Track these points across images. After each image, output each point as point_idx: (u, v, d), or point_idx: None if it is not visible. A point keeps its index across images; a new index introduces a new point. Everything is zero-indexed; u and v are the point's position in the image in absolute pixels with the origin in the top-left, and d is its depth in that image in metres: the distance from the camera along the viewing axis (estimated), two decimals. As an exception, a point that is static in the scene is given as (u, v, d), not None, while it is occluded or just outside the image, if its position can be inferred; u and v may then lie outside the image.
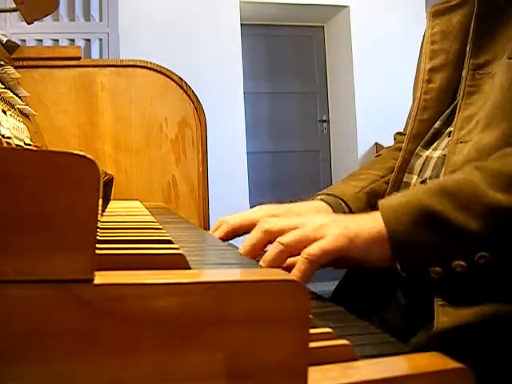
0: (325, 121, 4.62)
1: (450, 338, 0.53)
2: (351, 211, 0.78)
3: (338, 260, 0.55)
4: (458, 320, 0.53)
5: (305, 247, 0.54)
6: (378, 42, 4.16)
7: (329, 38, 4.61)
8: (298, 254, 0.55)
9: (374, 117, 4.07)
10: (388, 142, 1.02)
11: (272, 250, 0.56)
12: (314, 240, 0.54)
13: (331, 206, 0.77)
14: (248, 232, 0.65)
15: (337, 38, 4.47)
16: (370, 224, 0.55)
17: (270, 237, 0.58)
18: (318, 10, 4.34)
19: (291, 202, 0.77)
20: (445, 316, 0.54)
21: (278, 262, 0.55)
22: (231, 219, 0.70)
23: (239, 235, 0.71)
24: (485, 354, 0.54)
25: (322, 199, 0.78)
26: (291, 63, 4.56)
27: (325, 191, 0.82)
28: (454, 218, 0.52)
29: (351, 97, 4.24)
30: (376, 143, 4.08)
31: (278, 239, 0.56)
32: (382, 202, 0.56)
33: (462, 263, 0.51)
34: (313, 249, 0.53)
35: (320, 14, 4.42)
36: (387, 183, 0.82)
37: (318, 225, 0.55)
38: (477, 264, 0.51)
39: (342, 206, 0.78)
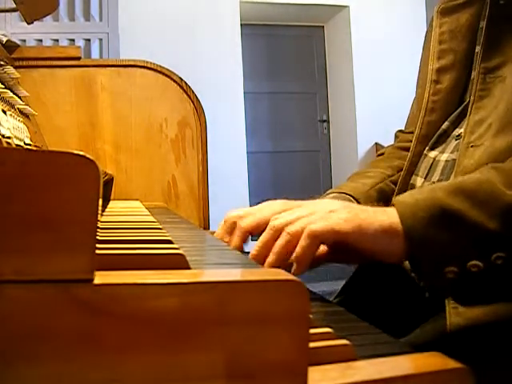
0: (325, 121, 4.62)
1: (462, 337, 0.53)
2: None
3: (344, 250, 0.54)
4: (471, 319, 0.52)
5: None
6: (377, 41, 4.16)
7: (329, 38, 4.61)
8: None
9: (374, 117, 4.07)
10: (388, 142, 1.02)
11: (280, 240, 0.55)
12: None
13: None
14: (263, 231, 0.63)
15: (337, 38, 4.48)
16: (382, 216, 0.54)
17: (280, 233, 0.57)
18: (318, 10, 4.34)
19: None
20: (457, 317, 0.54)
21: (287, 252, 0.54)
22: (244, 223, 0.65)
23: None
24: (495, 352, 0.54)
25: (332, 197, 0.77)
26: (291, 63, 4.56)
27: (334, 189, 0.81)
28: (470, 217, 0.51)
29: (351, 97, 4.25)
30: (376, 143, 4.08)
31: (286, 229, 0.55)
32: (397, 199, 0.56)
33: (479, 263, 0.51)
34: (316, 225, 0.52)
35: (320, 13, 4.42)
36: (394, 183, 0.81)
37: (327, 211, 0.54)
38: (493, 264, 0.51)
39: (353, 203, 0.76)
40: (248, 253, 0.61)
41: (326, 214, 0.54)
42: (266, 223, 0.59)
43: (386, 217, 0.54)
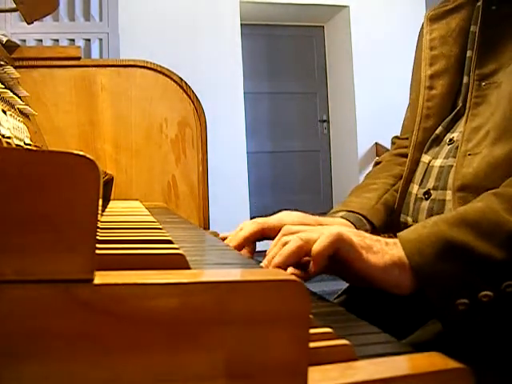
0: (325, 121, 4.62)
1: (462, 337, 0.53)
2: (373, 227, 0.76)
3: (351, 274, 0.54)
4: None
5: None
6: (377, 41, 4.16)
7: (329, 38, 4.61)
8: None
9: (374, 117, 4.07)
10: (388, 141, 1.02)
11: (291, 243, 0.54)
12: None
13: (354, 224, 0.75)
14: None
15: (337, 38, 4.48)
16: (393, 250, 0.54)
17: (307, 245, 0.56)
18: (318, 10, 4.34)
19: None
20: None
21: (296, 256, 0.54)
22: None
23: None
24: (495, 352, 0.54)
25: (342, 216, 0.76)
26: (291, 63, 4.56)
27: (341, 207, 0.80)
28: (477, 248, 0.51)
29: (351, 97, 4.24)
30: (376, 143, 4.08)
31: (298, 234, 0.55)
32: (401, 236, 0.55)
33: (489, 293, 0.50)
34: (334, 231, 0.52)
35: (320, 13, 4.42)
36: (397, 191, 0.81)
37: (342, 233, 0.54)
38: (504, 293, 0.51)
39: (364, 223, 0.76)
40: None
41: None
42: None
43: (396, 250, 0.54)
